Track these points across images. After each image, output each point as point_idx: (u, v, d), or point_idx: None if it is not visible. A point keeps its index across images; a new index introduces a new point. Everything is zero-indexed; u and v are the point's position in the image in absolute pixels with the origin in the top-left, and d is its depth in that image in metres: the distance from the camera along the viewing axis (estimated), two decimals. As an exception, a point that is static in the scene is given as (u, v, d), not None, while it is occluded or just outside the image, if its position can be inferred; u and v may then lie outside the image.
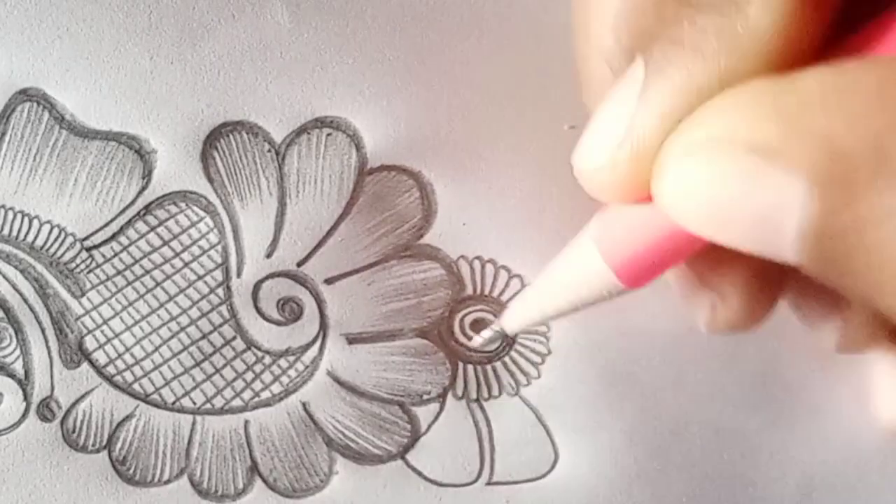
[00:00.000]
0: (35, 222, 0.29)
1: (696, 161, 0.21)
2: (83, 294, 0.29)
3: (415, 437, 0.29)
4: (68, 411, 0.29)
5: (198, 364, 0.29)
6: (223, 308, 0.29)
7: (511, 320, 0.27)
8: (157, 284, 0.29)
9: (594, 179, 0.24)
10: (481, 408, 0.29)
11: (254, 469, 0.29)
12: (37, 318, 0.29)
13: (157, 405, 0.29)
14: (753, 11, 0.21)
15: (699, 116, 0.21)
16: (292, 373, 0.29)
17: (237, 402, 0.29)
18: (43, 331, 0.29)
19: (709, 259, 0.25)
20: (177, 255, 0.29)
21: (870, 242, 0.19)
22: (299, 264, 0.29)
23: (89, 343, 0.29)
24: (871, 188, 0.19)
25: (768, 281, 0.26)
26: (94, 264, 0.29)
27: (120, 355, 0.29)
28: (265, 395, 0.29)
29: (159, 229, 0.29)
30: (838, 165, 0.19)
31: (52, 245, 0.29)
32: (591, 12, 0.24)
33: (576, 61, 0.26)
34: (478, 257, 0.30)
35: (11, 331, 0.29)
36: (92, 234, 0.29)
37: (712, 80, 0.21)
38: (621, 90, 0.23)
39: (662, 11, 0.23)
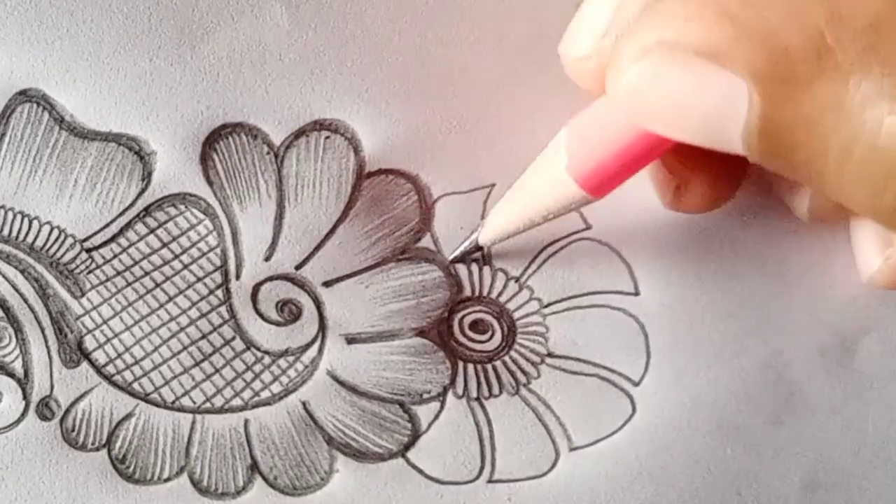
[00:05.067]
0: (35, 223, 0.29)
1: (647, 64, 0.21)
2: (83, 294, 0.29)
3: (415, 435, 0.29)
4: (68, 410, 0.29)
5: (197, 364, 0.29)
6: (222, 309, 0.29)
7: (486, 233, 0.28)
8: (157, 285, 0.29)
9: (580, 69, 0.25)
10: (482, 406, 0.29)
11: (254, 467, 0.29)
12: (36, 317, 0.29)
13: (156, 404, 0.29)
14: None
15: (651, 17, 0.22)
16: (292, 372, 0.29)
17: (237, 402, 0.29)
18: (42, 330, 0.29)
19: (675, 151, 0.25)
20: (176, 257, 0.29)
21: (810, 136, 0.20)
22: (297, 267, 0.29)
23: (89, 343, 0.29)
24: (810, 84, 0.20)
25: (730, 169, 0.27)
26: (93, 265, 0.29)
27: (119, 355, 0.29)
28: (265, 394, 0.29)
29: (159, 231, 0.29)
30: (779, 63, 0.20)
31: (51, 246, 0.29)
32: None
33: None
34: (475, 260, 0.30)
35: (11, 330, 0.29)
36: (92, 236, 0.29)
37: None
38: None
39: None
